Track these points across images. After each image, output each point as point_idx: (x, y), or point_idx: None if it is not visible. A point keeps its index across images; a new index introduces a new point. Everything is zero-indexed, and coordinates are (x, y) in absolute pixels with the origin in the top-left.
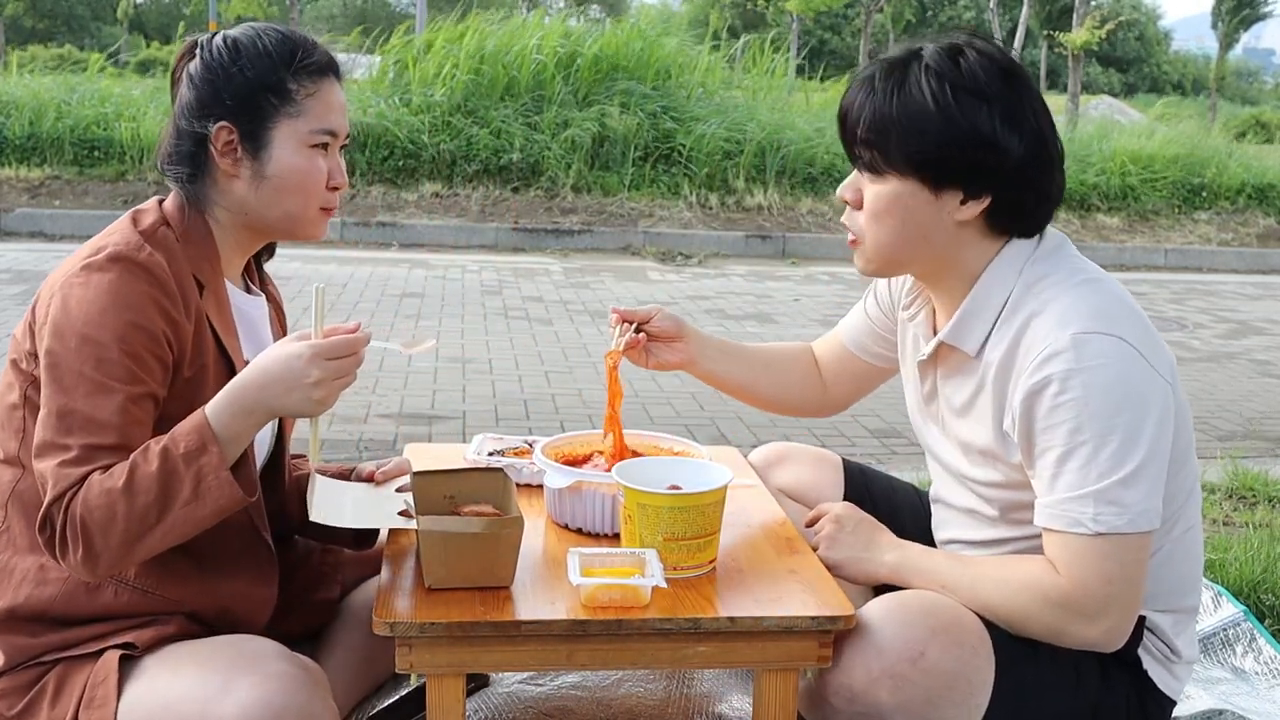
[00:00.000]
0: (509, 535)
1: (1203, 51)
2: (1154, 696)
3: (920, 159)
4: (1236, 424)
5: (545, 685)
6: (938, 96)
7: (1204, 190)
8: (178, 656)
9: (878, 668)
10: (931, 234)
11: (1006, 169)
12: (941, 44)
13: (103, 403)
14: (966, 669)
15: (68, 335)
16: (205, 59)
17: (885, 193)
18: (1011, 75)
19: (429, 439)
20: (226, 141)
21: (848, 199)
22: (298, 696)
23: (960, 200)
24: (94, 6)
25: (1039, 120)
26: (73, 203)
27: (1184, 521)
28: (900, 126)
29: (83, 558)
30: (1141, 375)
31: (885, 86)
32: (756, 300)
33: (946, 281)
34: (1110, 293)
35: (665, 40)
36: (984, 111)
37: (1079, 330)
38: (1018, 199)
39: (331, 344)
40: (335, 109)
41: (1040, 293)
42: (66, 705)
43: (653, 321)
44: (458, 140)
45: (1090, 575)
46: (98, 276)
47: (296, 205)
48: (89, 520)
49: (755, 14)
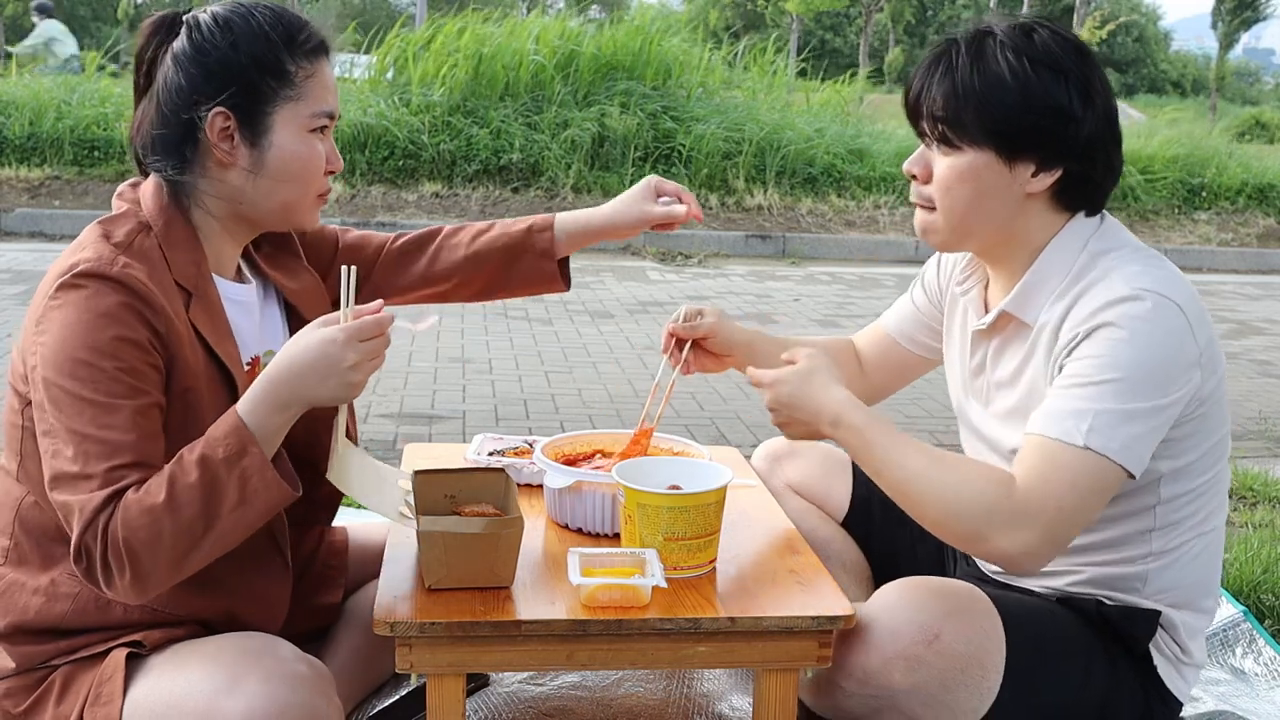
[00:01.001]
0: (509, 535)
1: (1203, 52)
2: (1161, 695)
3: (998, 129)
4: (1236, 424)
5: (545, 685)
6: (1015, 69)
7: (1204, 190)
8: (184, 654)
9: (892, 649)
10: (1002, 205)
11: (1079, 141)
12: (1013, 22)
13: (112, 422)
14: (979, 652)
15: (59, 362)
16: (195, 40)
17: (960, 164)
18: (1083, 52)
19: (429, 439)
20: (222, 129)
21: (915, 173)
22: (304, 694)
23: (1032, 172)
24: (94, 6)
25: (1108, 97)
26: (73, 203)
27: (1215, 520)
28: (979, 97)
29: (131, 581)
30: (1184, 346)
31: (963, 61)
32: (756, 300)
33: (1009, 255)
34: (1173, 270)
35: (665, 40)
36: (1060, 84)
37: (1142, 287)
38: (1088, 172)
39: (363, 324)
40: (331, 89)
41: (1105, 263)
42: (72, 703)
43: (708, 342)
44: (457, 140)
45: (1048, 486)
46: (74, 295)
47: (295, 193)
48: (133, 541)
49: (755, 14)
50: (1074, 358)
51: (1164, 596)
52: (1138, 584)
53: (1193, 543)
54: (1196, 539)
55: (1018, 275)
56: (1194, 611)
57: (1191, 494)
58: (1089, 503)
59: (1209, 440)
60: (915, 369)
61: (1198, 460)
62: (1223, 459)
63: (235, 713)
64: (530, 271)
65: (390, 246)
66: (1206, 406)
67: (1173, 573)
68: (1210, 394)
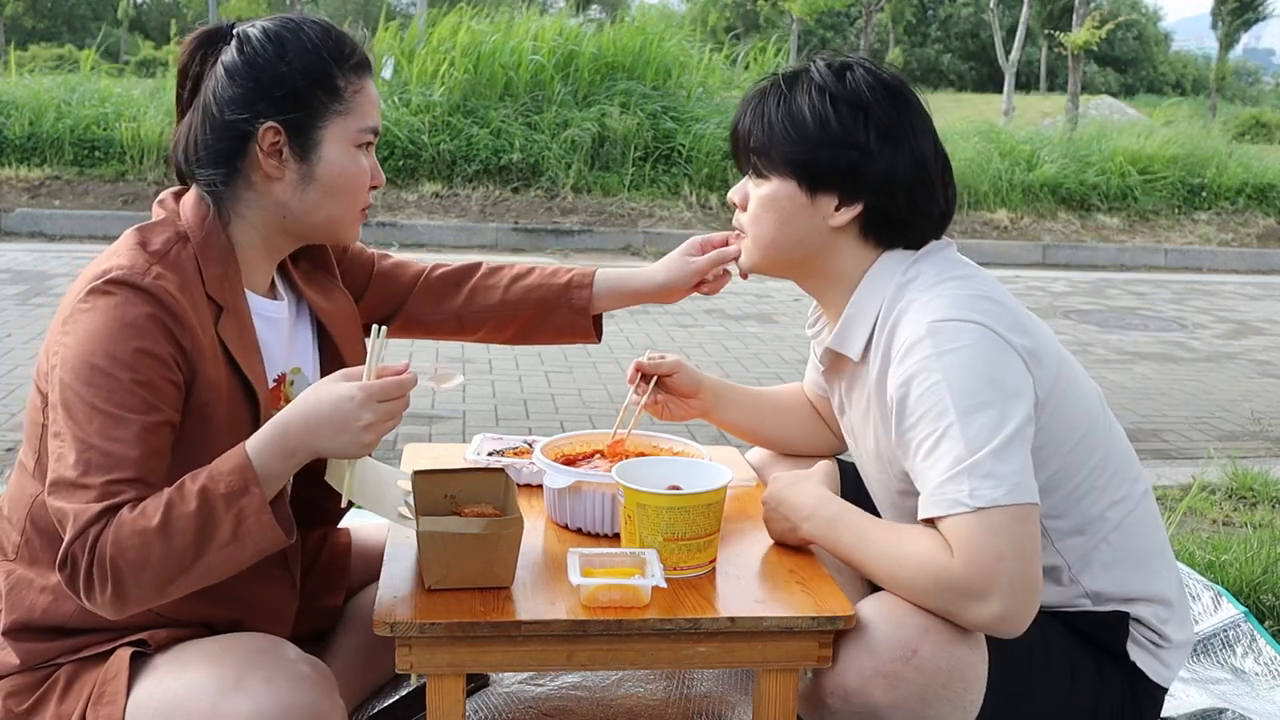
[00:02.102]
0: (509, 535)
1: (1203, 52)
2: (1145, 687)
3: (796, 161)
4: (1236, 424)
5: (545, 685)
6: (817, 105)
7: (1204, 190)
8: (188, 654)
9: (871, 667)
10: (807, 236)
11: (876, 178)
12: (833, 61)
13: (119, 435)
14: (960, 665)
15: (78, 366)
16: (247, 53)
17: (766, 193)
18: (896, 94)
19: (429, 439)
20: (273, 144)
21: (735, 201)
22: (308, 695)
23: (835, 205)
24: (94, 6)
25: (918, 138)
26: (73, 203)
27: (1120, 509)
28: (782, 130)
29: (111, 598)
30: (1000, 356)
31: (774, 96)
32: (756, 300)
33: (831, 290)
34: (972, 286)
35: (665, 40)
36: (860, 121)
37: (933, 319)
38: (889, 209)
39: (384, 385)
40: (376, 105)
41: (907, 294)
42: (75, 702)
43: (673, 379)
44: (457, 140)
45: (981, 553)
46: (103, 301)
47: (341, 207)
48: (120, 561)
49: (755, 14)
50: (907, 424)
51: (1114, 600)
52: (1087, 600)
53: (1106, 541)
54: (1109, 535)
55: (841, 310)
56: (1153, 600)
57: (1071, 498)
58: (1022, 546)
59: (1065, 444)
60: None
61: (1060, 469)
62: (1094, 454)
63: (239, 713)
64: (563, 325)
65: (428, 277)
66: (1047, 414)
67: (1106, 578)
68: (1046, 397)
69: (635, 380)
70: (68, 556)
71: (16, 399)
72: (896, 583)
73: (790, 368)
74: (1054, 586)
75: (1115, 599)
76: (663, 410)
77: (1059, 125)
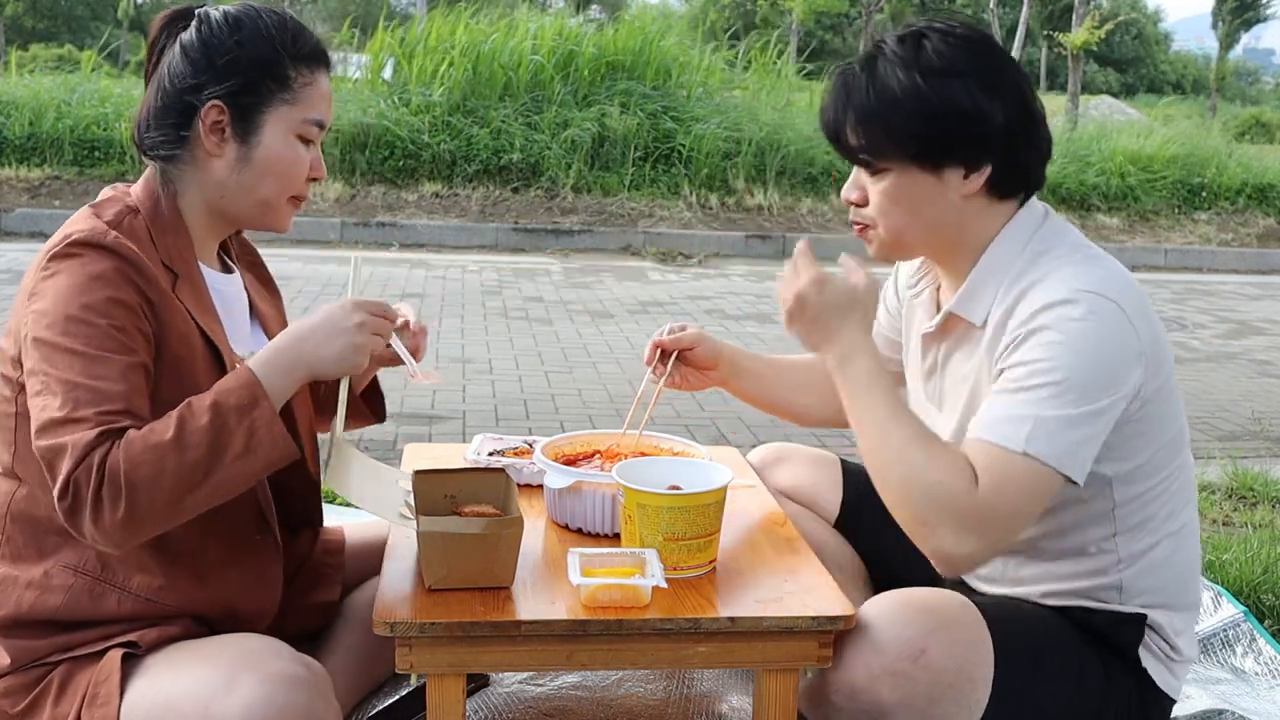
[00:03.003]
0: (509, 535)
1: (1203, 52)
2: (1154, 695)
3: (912, 146)
4: (1236, 424)
5: (545, 685)
6: (907, 85)
7: (1204, 190)
8: (181, 655)
9: (878, 665)
10: (941, 214)
11: (996, 134)
12: (900, 34)
13: (103, 373)
14: (967, 666)
15: (53, 321)
16: (204, 32)
17: (889, 186)
18: (977, 44)
19: (429, 439)
20: (215, 121)
21: (853, 200)
22: (301, 696)
23: (963, 175)
24: (94, 6)
25: (1017, 80)
26: (73, 203)
27: (1183, 516)
28: (883, 119)
29: (124, 517)
30: (1125, 342)
31: (858, 85)
32: (756, 300)
33: (956, 254)
34: (1113, 268)
35: (665, 40)
36: (959, 86)
37: (1079, 288)
38: (1016, 159)
39: (367, 299)
40: (326, 99)
41: (1046, 263)
42: (70, 703)
43: (693, 352)
44: (457, 140)
45: (1006, 501)
46: (67, 264)
47: (272, 192)
48: (134, 476)
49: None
50: (1012, 362)
51: (1144, 600)
52: (1115, 592)
53: (1162, 544)
54: (1166, 539)
55: (965, 273)
56: (1178, 610)
57: (1149, 494)
58: (1028, 509)
59: (1160, 439)
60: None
61: (1149, 460)
62: (1179, 455)
63: (232, 714)
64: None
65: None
66: (1152, 405)
67: (1148, 577)
68: (1155, 392)
69: (654, 360)
70: (69, 484)
71: None
72: (900, 467)
73: None
74: (1096, 576)
75: (1143, 600)
76: (681, 382)
77: (1059, 125)
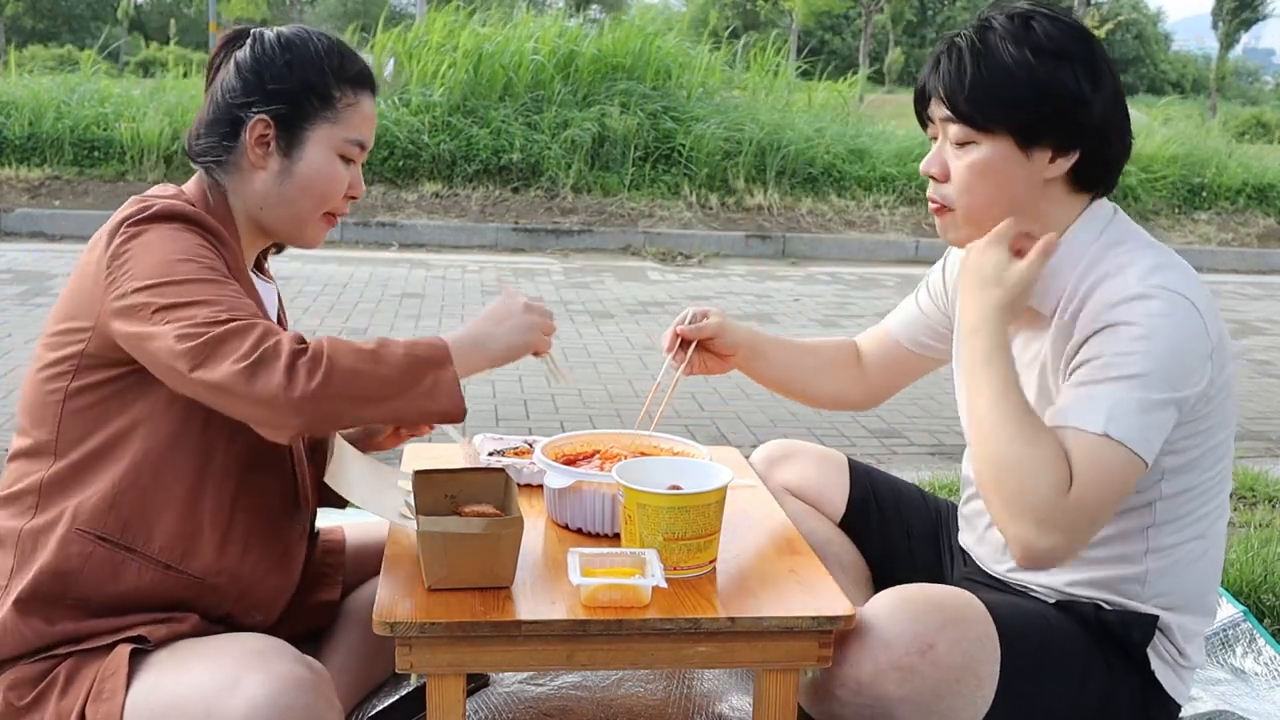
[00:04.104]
0: (509, 535)
1: (1203, 52)
2: (1160, 699)
3: (1012, 119)
4: (1237, 424)
5: (545, 685)
6: (1019, 59)
7: (1204, 190)
8: (186, 652)
9: (885, 660)
10: (1022, 194)
11: (1093, 122)
12: (1009, 13)
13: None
14: (973, 662)
15: (155, 267)
16: (256, 51)
17: (978, 159)
18: (1083, 33)
19: (429, 439)
20: (261, 135)
21: (934, 174)
22: (304, 697)
23: (1050, 158)
24: (94, 6)
25: (1114, 77)
26: (73, 203)
27: (1216, 522)
28: (988, 90)
29: (315, 389)
30: (1198, 340)
31: (968, 57)
32: (756, 300)
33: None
34: (1184, 266)
35: (665, 40)
36: (1067, 69)
37: (1156, 284)
38: (1103, 151)
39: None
40: (369, 121)
41: (1118, 257)
42: (75, 697)
43: (714, 342)
44: (458, 140)
45: (1089, 489)
46: (154, 226)
47: (309, 207)
48: (336, 361)
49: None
50: (1089, 355)
51: (1162, 600)
52: (1136, 586)
53: (1192, 544)
54: (1196, 541)
55: None
56: (1192, 615)
57: (1193, 491)
58: (1111, 498)
59: (1213, 437)
60: (918, 369)
61: (1201, 457)
62: (1225, 459)
63: (236, 713)
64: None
65: None
66: (1214, 403)
67: (1171, 576)
68: (1219, 390)
69: (674, 347)
70: (260, 347)
71: (16, 399)
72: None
73: None
74: (1122, 564)
75: (1161, 600)
76: (700, 367)
77: None
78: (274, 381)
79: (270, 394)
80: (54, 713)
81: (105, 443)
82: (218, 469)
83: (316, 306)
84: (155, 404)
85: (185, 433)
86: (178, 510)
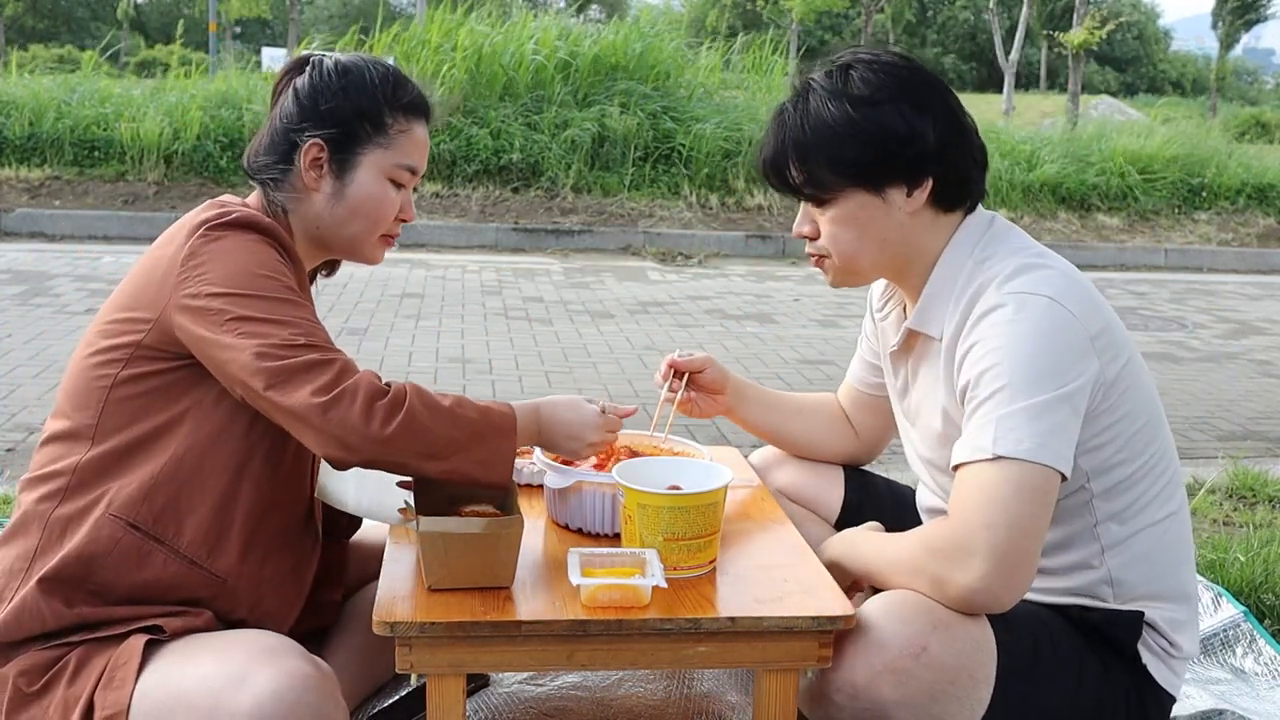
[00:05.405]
0: (509, 535)
1: (1203, 51)
2: (1154, 692)
3: (851, 174)
4: (1236, 424)
5: (545, 685)
6: (839, 116)
7: (1204, 190)
8: (195, 646)
9: (880, 663)
10: (890, 233)
11: (932, 150)
12: (828, 68)
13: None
14: (969, 664)
15: (234, 275)
16: (314, 77)
17: (838, 214)
18: (901, 68)
19: None
20: (315, 158)
21: (805, 234)
22: (310, 694)
23: (905, 193)
24: (94, 6)
25: (945, 96)
26: (73, 203)
27: (1168, 505)
28: (821, 151)
29: (390, 433)
30: (1068, 333)
31: (793, 122)
32: (756, 300)
33: (910, 272)
34: (1053, 266)
35: (664, 40)
36: (889, 111)
37: (1009, 292)
38: (956, 171)
39: (616, 420)
40: (421, 148)
41: (985, 271)
42: (84, 684)
43: (704, 374)
44: (457, 140)
45: (973, 508)
46: (233, 234)
47: (363, 229)
48: (415, 411)
49: (754, 14)
50: (964, 381)
51: (1137, 596)
52: (1107, 588)
53: (1146, 533)
54: (1150, 528)
55: (920, 291)
56: (1173, 604)
57: (1128, 482)
58: (1024, 511)
59: (1133, 424)
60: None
61: (1124, 446)
62: (1155, 442)
63: (242, 708)
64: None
65: None
66: (1119, 389)
67: (1136, 569)
68: (1120, 375)
69: (669, 377)
70: (346, 386)
71: (17, 399)
72: (895, 562)
73: (790, 368)
74: (1084, 570)
75: (1136, 595)
76: (692, 407)
77: (1059, 125)
78: (350, 419)
79: (344, 430)
80: (61, 699)
81: (148, 433)
82: (255, 471)
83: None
84: (203, 401)
85: (229, 432)
86: (211, 507)
